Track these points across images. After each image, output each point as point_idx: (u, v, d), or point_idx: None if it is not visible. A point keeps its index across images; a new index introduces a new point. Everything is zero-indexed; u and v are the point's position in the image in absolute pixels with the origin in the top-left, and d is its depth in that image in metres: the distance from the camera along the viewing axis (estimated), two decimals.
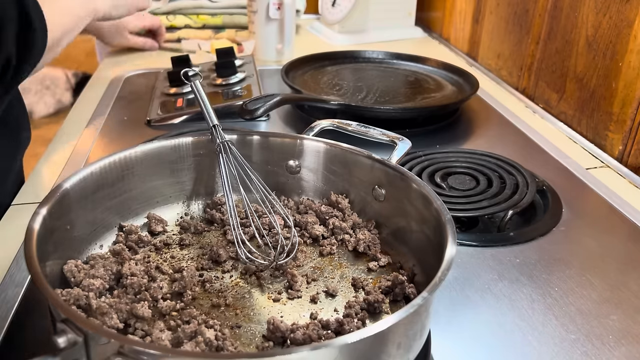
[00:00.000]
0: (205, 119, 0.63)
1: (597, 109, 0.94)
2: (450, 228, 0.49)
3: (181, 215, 0.65)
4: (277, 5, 1.22)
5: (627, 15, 0.86)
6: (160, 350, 0.38)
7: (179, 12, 1.44)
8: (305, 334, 0.47)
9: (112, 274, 0.53)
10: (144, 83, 1.14)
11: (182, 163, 0.64)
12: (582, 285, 0.60)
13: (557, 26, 1.03)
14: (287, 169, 0.67)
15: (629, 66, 0.86)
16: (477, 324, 0.55)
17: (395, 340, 0.42)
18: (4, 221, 0.71)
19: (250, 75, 1.07)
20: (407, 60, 1.20)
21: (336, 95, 1.03)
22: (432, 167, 0.80)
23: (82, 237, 0.56)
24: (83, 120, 0.97)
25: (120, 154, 0.59)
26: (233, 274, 0.57)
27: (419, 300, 0.41)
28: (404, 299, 0.54)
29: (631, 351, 0.52)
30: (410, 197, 0.58)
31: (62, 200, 0.52)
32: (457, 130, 0.98)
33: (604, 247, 0.67)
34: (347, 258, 0.60)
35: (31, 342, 0.52)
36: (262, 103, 0.81)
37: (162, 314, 0.50)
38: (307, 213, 0.64)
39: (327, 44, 1.46)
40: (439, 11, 1.54)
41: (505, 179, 0.77)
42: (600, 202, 0.76)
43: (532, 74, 1.12)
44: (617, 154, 0.89)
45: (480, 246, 0.66)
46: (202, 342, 0.45)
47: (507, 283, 0.60)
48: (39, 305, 0.56)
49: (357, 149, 0.63)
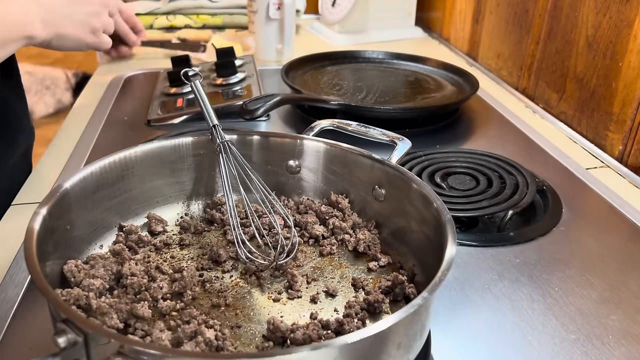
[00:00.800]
0: (205, 119, 0.63)
1: (597, 109, 0.94)
2: (450, 228, 0.49)
3: (181, 215, 0.65)
4: (277, 5, 1.22)
5: (627, 15, 0.86)
6: (160, 350, 0.38)
7: (179, 12, 1.45)
8: (305, 334, 0.47)
9: (112, 274, 0.53)
10: (144, 83, 1.14)
11: (182, 163, 0.64)
12: (582, 285, 0.60)
13: (557, 26, 1.03)
14: (287, 169, 0.67)
15: (629, 66, 0.86)
16: (477, 324, 0.55)
17: (395, 340, 0.42)
18: (4, 221, 0.71)
19: (250, 75, 1.07)
20: (407, 60, 1.20)
21: (336, 95, 1.03)
22: (432, 167, 0.80)
23: (82, 237, 0.56)
24: (83, 120, 0.97)
25: (120, 154, 0.59)
26: (233, 274, 0.57)
27: (419, 300, 0.41)
28: (404, 299, 0.54)
29: (631, 351, 0.52)
30: (410, 197, 0.58)
31: (62, 200, 0.52)
32: (457, 130, 0.98)
33: (604, 247, 0.67)
34: (347, 258, 0.60)
35: (31, 342, 0.52)
36: (262, 103, 0.81)
37: (162, 314, 0.50)
38: (307, 213, 0.64)
39: (327, 44, 1.46)
40: (439, 11, 1.54)
41: (505, 179, 0.77)
42: (600, 202, 0.76)
43: (532, 74, 1.12)
44: (617, 154, 0.89)
45: (480, 246, 0.66)
46: (202, 342, 0.45)
47: (507, 283, 0.60)
48: (39, 305, 0.56)
49: (357, 149, 0.63)
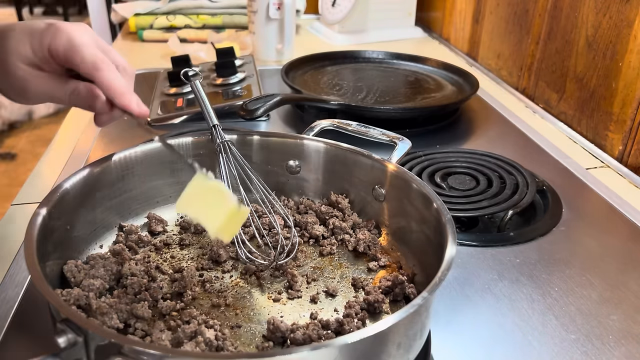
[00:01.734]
0: (206, 119, 0.63)
1: (597, 109, 0.94)
2: (450, 228, 0.49)
3: (181, 215, 0.65)
4: (277, 5, 1.22)
5: (627, 15, 0.86)
6: (160, 350, 0.38)
7: (179, 12, 1.44)
8: (305, 334, 0.47)
9: (112, 274, 0.53)
10: (144, 83, 1.13)
11: (182, 163, 0.64)
12: (582, 285, 0.60)
13: (557, 26, 1.03)
14: (287, 169, 0.67)
15: (629, 66, 0.86)
16: (477, 324, 0.55)
17: (395, 340, 0.42)
18: (4, 221, 0.71)
19: (250, 75, 1.07)
20: (407, 60, 1.20)
21: (336, 95, 1.03)
22: (432, 167, 0.80)
23: (82, 237, 0.56)
24: (83, 120, 0.97)
25: (120, 154, 0.59)
26: (233, 274, 0.57)
27: (419, 300, 0.41)
28: (404, 299, 0.54)
29: (631, 351, 0.52)
30: (410, 197, 0.58)
31: (62, 200, 0.52)
32: (457, 130, 0.98)
33: (604, 247, 0.67)
34: (347, 258, 0.60)
35: (31, 342, 0.52)
36: (262, 103, 0.81)
37: (162, 314, 0.50)
38: (307, 213, 0.64)
39: (327, 44, 1.46)
40: (439, 11, 1.54)
41: (505, 179, 0.77)
42: (600, 202, 0.76)
43: (532, 74, 1.12)
44: (617, 154, 0.89)
45: (480, 246, 0.66)
46: (202, 342, 0.45)
47: (507, 283, 0.60)
48: (39, 305, 0.56)
49: (357, 149, 0.63)
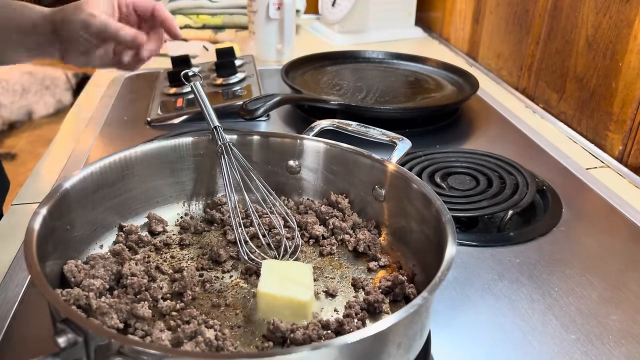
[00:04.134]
0: (206, 121, 0.63)
1: (597, 109, 0.94)
2: (450, 228, 0.49)
3: (181, 216, 0.65)
4: (277, 5, 1.22)
5: (627, 15, 0.86)
6: (160, 350, 0.38)
7: (179, 12, 1.44)
8: (305, 334, 0.47)
9: (112, 274, 0.53)
10: (144, 83, 1.14)
11: (182, 163, 0.64)
12: (582, 285, 0.60)
13: (557, 26, 1.03)
14: (287, 169, 0.67)
15: (629, 66, 0.86)
16: (477, 324, 0.55)
17: (395, 340, 0.42)
18: (4, 221, 0.71)
19: (250, 75, 1.07)
20: (407, 60, 1.20)
21: (336, 95, 1.03)
22: (432, 167, 0.80)
23: (82, 237, 0.56)
24: (83, 120, 0.97)
25: (120, 154, 0.59)
26: (233, 274, 0.57)
27: (419, 300, 0.41)
28: (404, 299, 0.54)
29: (631, 351, 0.52)
30: (410, 197, 0.58)
31: (62, 200, 0.52)
32: (457, 130, 0.98)
33: (604, 247, 0.67)
34: (347, 258, 0.60)
35: (31, 342, 0.52)
36: (262, 103, 0.81)
37: (162, 314, 0.50)
38: (307, 213, 0.64)
39: (327, 44, 1.46)
40: (439, 11, 1.54)
41: (505, 179, 0.77)
42: (600, 202, 0.76)
43: (532, 74, 1.12)
44: (617, 154, 0.89)
45: (480, 246, 0.66)
46: (202, 342, 0.45)
47: (507, 283, 0.60)
48: (39, 305, 0.56)
49: (357, 149, 0.63)
